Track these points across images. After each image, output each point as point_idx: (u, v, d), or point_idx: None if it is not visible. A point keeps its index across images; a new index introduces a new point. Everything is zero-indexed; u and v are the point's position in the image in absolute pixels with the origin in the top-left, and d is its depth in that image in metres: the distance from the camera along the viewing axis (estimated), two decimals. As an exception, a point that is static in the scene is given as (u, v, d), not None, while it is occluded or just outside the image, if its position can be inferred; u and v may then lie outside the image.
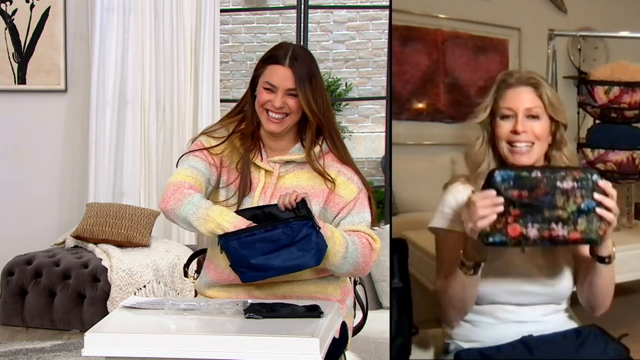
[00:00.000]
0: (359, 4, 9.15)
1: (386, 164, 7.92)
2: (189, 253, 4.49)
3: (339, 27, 9.23)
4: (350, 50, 9.24)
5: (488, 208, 2.20)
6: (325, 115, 2.56)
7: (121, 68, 5.71)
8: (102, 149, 5.69)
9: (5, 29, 5.81)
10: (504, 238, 2.22)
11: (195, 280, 2.74)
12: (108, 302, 4.91)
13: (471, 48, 3.22)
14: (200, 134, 2.66)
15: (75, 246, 5.43)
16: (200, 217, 2.42)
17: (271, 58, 2.56)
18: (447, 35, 3.16)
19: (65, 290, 5.02)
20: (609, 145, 2.94)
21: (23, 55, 5.83)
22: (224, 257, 2.43)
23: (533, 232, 2.22)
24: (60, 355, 4.44)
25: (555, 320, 2.49)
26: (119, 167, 5.75)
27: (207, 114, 5.78)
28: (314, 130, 2.58)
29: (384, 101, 7.31)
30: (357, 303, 2.76)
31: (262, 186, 2.57)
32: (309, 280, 2.55)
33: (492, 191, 2.21)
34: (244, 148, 2.60)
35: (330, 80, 8.87)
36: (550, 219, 2.22)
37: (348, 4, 9.22)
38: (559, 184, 2.22)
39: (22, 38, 5.82)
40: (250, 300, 2.39)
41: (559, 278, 2.45)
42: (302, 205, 2.39)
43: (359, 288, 2.81)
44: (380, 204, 6.86)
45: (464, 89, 3.18)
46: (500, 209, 2.20)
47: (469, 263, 2.33)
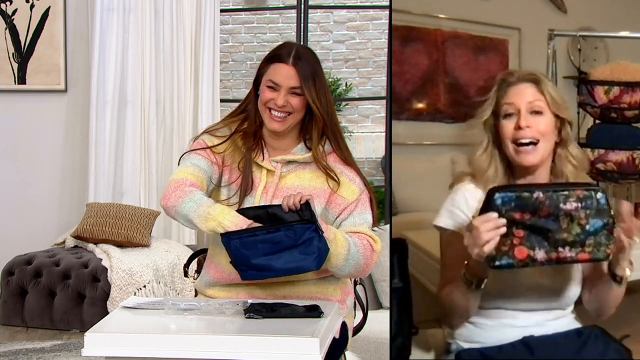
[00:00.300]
0: (359, 4, 9.15)
1: (386, 164, 7.91)
2: (189, 253, 4.49)
3: (339, 27, 9.22)
4: (350, 50, 9.23)
5: (491, 231, 2.16)
6: (329, 115, 2.56)
7: (121, 68, 5.71)
8: (102, 149, 5.69)
9: (5, 29, 5.80)
10: (511, 261, 2.19)
11: (195, 280, 2.73)
12: (108, 302, 4.91)
13: (471, 48, 3.22)
14: (203, 133, 2.65)
15: (75, 246, 5.42)
16: (201, 216, 2.42)
17: (275, 57, 2.56)
18: (447, 35, 3.16)
19: (65, 290, 5.02)
20: (609, 145, 2.93)
21: (23, 55, 5.82)
22: (225, 257, 2.42)
23: (540, 255, 2.19)
24: (60, 355, 4.44)
25: (559, 325, 2.47)
26: (119, 167, 5.74)
27: (207, 114, 5.78)
28: (320, 127, 2.57)
29: (384, 101, 7.31)
30: (357, 303, 2.76)
31: (264, 186, 2.56)
32: (309, 281, 2.55)
33: (494, 214, 2.17)
34: (246, 147, 2.59)
35: (330, 80, 8.87)
36: (556, 240, 2.18)
37: (348, 4, 9.21)
38: (562, 205, 2.17)
39: (22, 38, 5.82)
40: (250, 300, 2.39)
41: (568, 286, 2.43)
42: (306, 208, 2.38)
43: (359, 288, 2.81)
44: (380, 204, 6.86)
45: (464, 89, 3.18)
46: (503, 230, 2.17)
47: (473, 279, 2.29)
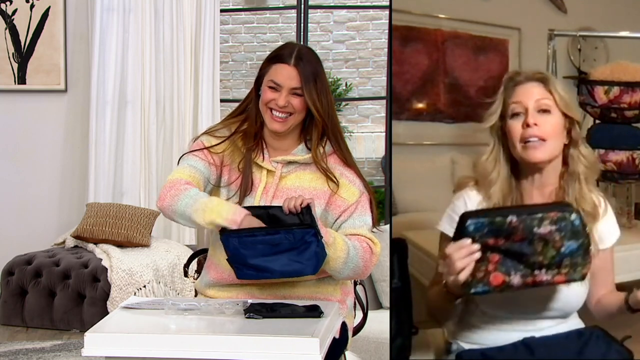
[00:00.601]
0: (359, 4, 9.15)
1: (386, 164, 7.91)
2: (189, 253, 4.49)
3: (339, 27, 9.22)
4: (350, 50, 9.24)
5: (465, 258, 2.13)
6: (329, 116, 2.55)
7: (121, 68, 5.71)
8: (102, 149, 5.69)
9: (5, 29, 5.80)
10: (486, 288, 2.15)
11: (195, 280, 2.73)
12: (108, 302, 4.91)
13: (471, 48, 3.23)
14: (202, 134, 2.65)
15: (75, 246, 5.42)
16: (198, 209, 2.40)
17: (276, 57, 2.55)
18: (447, 35, 3.16)
19: (65, 290, 5.02)
20: (609, 145, 2.93)
21: (23, 55, 5.82)
22: (225, 257, 2.42)
23: (516, 280, 2.16)
24: (60, 355, 4.44)
25: (562, 329, 2.44)
26: (119, 167, 5.74)
27: (207, 114, 5.78)
28: (320, 129, 2.56)
29: (384, 101, 7.31)
30: (357, 303, 2.76)
31: (264, 186, 2.56)
32: (309, 281, 2.55)
33: (467, 240, 2.13)
34: (246, 148, 2.58)
35: (330, 80, 8.87)
36: (532, 264, 2.15)
37: (348, 4, 9.21)
38: (536, 229, 2.13)
39: (22, 38, 5.82)
40: (250, 300, 2.39)
41: (571, 295, 2.39)
42: (307, 212, 2.37)
43: (359, 288, 2.81)
44: (380, 204, 6.86)
45: (464, 89, 3.19)
46: (478, 255, 2.13)
47: (450, 296, 2.28)
